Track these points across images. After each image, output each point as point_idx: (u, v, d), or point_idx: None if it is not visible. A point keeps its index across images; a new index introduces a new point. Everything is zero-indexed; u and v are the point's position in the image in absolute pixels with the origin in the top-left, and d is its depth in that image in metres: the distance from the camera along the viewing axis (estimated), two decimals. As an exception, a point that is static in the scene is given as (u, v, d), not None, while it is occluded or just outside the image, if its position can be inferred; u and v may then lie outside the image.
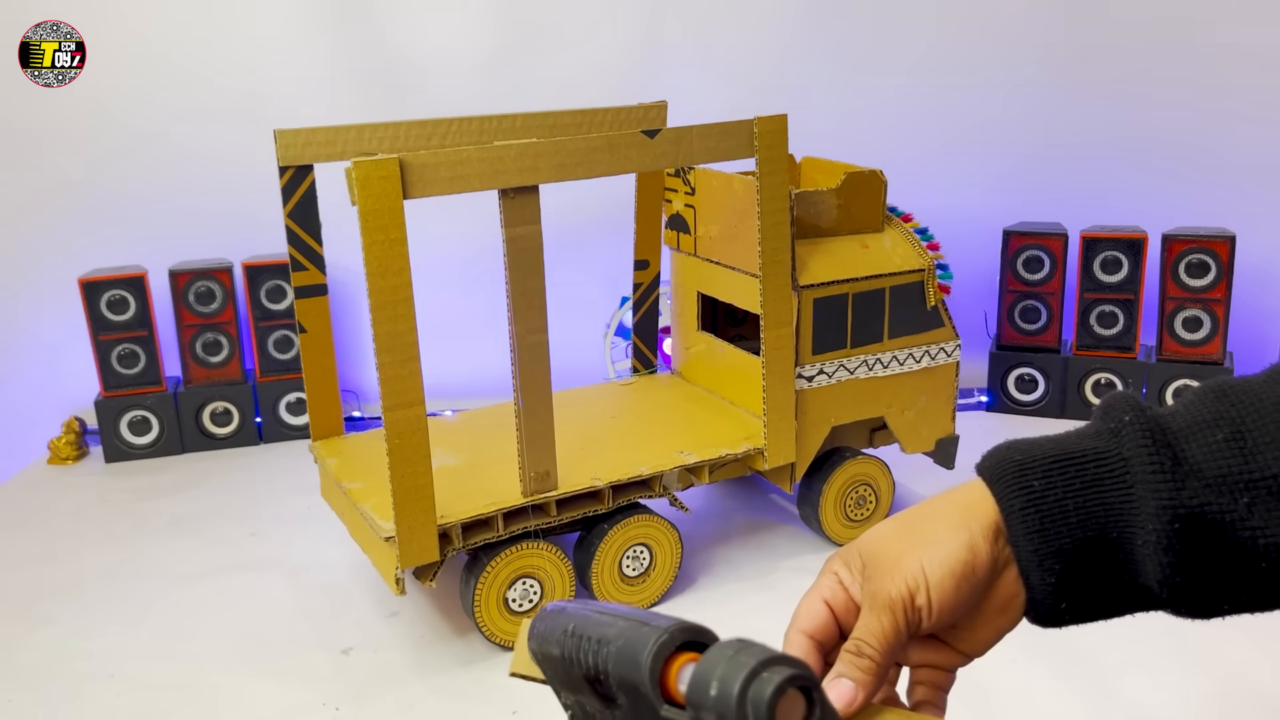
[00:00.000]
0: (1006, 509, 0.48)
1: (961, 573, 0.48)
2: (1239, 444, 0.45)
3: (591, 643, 0.39)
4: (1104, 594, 0.49)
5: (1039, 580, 0.48)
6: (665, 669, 0.37)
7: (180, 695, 1.03)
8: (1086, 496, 0.47)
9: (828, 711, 0.35)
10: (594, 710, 0.41)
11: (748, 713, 0.33)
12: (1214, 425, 0.46)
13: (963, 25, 1.78)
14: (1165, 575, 0.45)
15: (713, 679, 0.34)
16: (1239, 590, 0.46)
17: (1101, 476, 0.47)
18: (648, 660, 0.36)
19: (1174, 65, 1.75)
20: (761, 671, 0.33)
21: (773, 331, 1.16)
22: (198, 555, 1.31)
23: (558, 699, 0.44)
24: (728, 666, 0.34)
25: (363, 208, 0.89)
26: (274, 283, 1.62)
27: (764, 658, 0.34)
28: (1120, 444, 0.47)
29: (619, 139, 1.00)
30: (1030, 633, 0.39)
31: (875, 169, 1.26)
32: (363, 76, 1.71)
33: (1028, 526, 0.48)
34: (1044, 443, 0.49)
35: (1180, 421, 0.47)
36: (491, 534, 1.04)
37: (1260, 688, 0.98)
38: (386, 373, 0.93)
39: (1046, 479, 0.48)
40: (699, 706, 0.34)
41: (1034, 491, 0.48)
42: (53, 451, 1.63)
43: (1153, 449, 0.46)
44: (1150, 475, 0.45)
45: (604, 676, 0.38)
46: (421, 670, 1.06)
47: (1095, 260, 1.63)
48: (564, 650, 0.41)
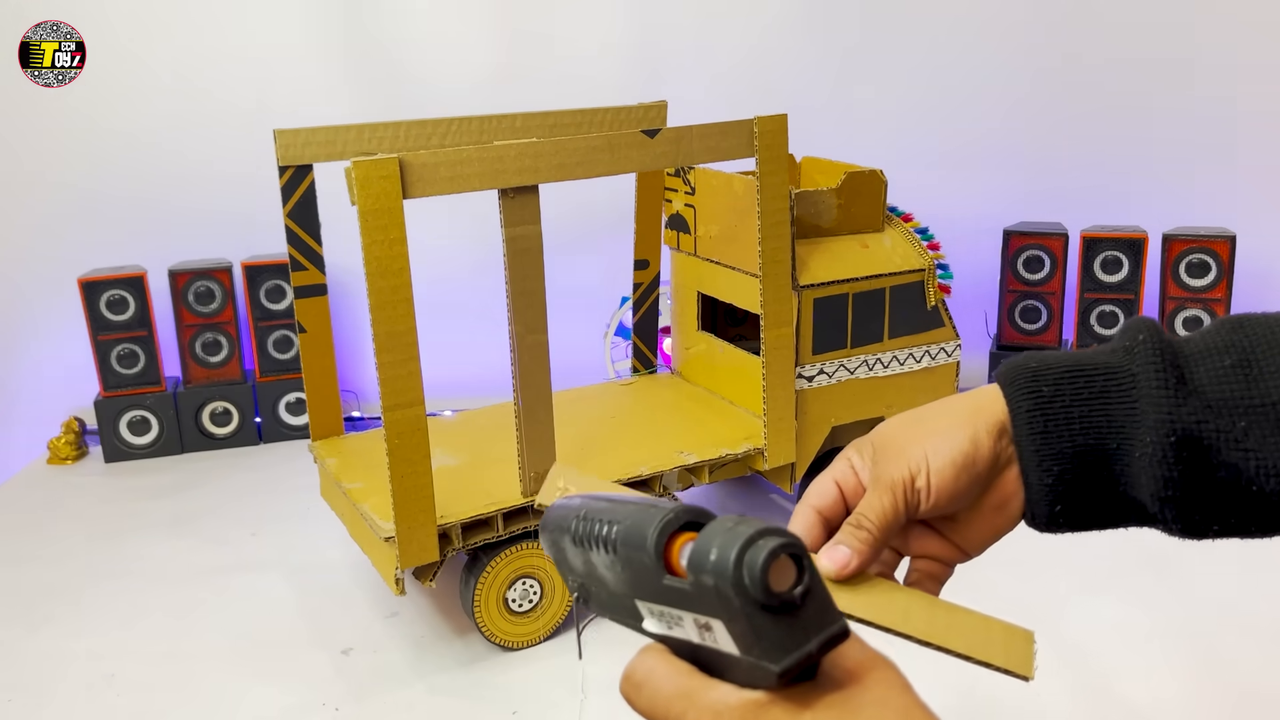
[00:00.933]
0: (1014, 410, 0.51)
1: (962, 463, 0.50)
2: (1245, 370, 0.47)
3: (602, 524, 0.43)
4: (1098, 502, 0.51)
5: (1037, 480, 0.50)
6: (669, 545, 0.39)
7: (180, 695, 1.03)
8: (1092, 406, 0.49)
9: (816, 579, 0.37)
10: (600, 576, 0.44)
11: (743, 574, 0.36)
12: (1224, 352, 0.48)
13: (963, 25, 1.77)
14: (1158, 488, 0.47)
15: (713, 546, 0.37)
16: (1229, 512, 0.48)
17: (1109, 389, 0.49)
18: (654, 535, 0.39)
19: (1174, 65, 1.75)
20: (757, 540, 0.36)
21: (773, 331, 1.16)
22: (198, 555, 1.31)
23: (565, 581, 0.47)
24: (726, 536, 0.37)
25: (363, 207, 0.89)
26: (274, 283, 1.62)
27: (760, 528, 0.36)
28: (1132, 360, 0.49)
29: (619, 139, 1.00)
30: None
31: (875, 169, 1.26)
32: (363, 76, 1.71)
33: (1032, 428, 0.50)
34: (1061, 355, 0.52)
35: (1193, 347, 0.49)
36: (491, 534, 1.04)
37: (1260, 688, 0.98)
38: (386, 373, 0.93)
39: (1056, 386, 0.50)
40: (699, 570, 0.37)
41: (1042, 396, 0.50)
42: (52, 451, 1.63)
43: (1160, 367, 0.48)
44: (1154, 390, 0.47)
45: (611, 550, 0.42)
46: (421, 670, 1.06)
47: (1095, 260, 1.63)
48: (575, 534, 0.44)
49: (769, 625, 0.37)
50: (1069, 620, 1.09)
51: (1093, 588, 1.16)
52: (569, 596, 1.10)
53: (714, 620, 0.38)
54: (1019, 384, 0.51)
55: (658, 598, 0.41)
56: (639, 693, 0.41)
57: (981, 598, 1.22)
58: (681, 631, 0.41)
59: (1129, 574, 1.19)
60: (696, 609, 0.39)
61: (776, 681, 0.37)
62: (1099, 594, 1.15)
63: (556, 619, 1.10)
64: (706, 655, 0.40)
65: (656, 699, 0.40)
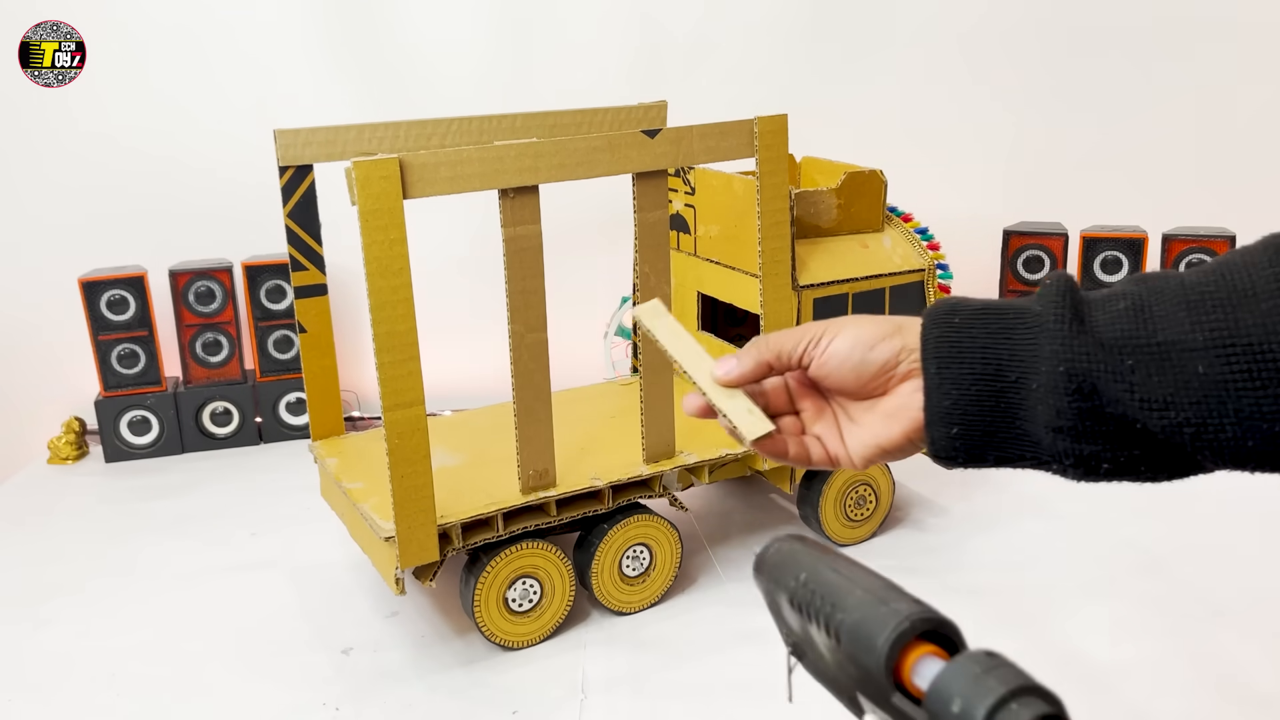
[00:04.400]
0: (925, 336, 0.56)
1: (864, 341, 0.58)
2: (1138, 314, 0.50)
3: (826, 604, 0.39)
4: (995, 432, 0.54)
5: (936, 402, 0.55)
6: (901, 656, 0.36)
7: (180, 695, 1.03)
8: (997, 339, 0.54)
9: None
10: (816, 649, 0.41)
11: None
12: (1121, 298, 0.51)
13: (963, 25, 1.77)
14: (1050, 417, 0.51)
15: (956, 694, 0.33)
16: (1118, 448, 0.51)
17: (1014, 326, 0.54)
18: (884, 647, 0.36)
19: (1174, 65, 1.75)
20: (1011, 702, 0.32)
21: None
22: (198, 555, 1.31)
23: (779, 631, 0.45)
24: (975, 686, 0.33)
25: (363, 208, 0.89)
26: (274, 283, 1.62)
27: (1015, 686, 0.32)
28: (1038, 301, 0.53)
29: (619, 139, 1.00)
30: (1030, 634, 0.39)
31: (875, 169, 1.26)
32: (363, 76, 1.71)
33: (939, 353, 0.55)
34: (984, 299, 0.57)
35: (1097, 295, 0.53)
36: (491, 534, 1.04)
37: (1260, 688, 0.98)
38: (386, 373, 0.93)
39: (969, 319, 0.55)
40: (939, 716, 0.33)
41: (952, 327, 0.55)
42: (53, 451, 1.63)
43: (1061, 307, 0.52)
44: (1051, 326, 0.52)
45: (834, 637, 0.38)
46: (421, 670, 1.06)
47: (1095, 260, 1.63)
48: (794, 598, 0.41)
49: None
50: (1069, 620, 1.09)
51: (1092, 588, 1.16)
52: (569, 597, 1.10)
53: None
54: (936, 316, 0.56)
55: (884, 707, 0.37)
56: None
57: (982, 597, 1.22)
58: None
59: (1128, 574, 1.19)
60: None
61: None
62: (1099, 594, 1.15)
63: (556, 619, 1.10)
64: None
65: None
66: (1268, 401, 0.46)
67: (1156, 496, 0.58)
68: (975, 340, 0.54)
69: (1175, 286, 0.50)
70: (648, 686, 1.02)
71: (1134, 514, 1.31)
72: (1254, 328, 0.47)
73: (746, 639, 1.07)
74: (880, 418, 0.58)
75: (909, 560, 1.23)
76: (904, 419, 0.57)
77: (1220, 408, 0.47)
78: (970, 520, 1.33)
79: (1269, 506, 1.31)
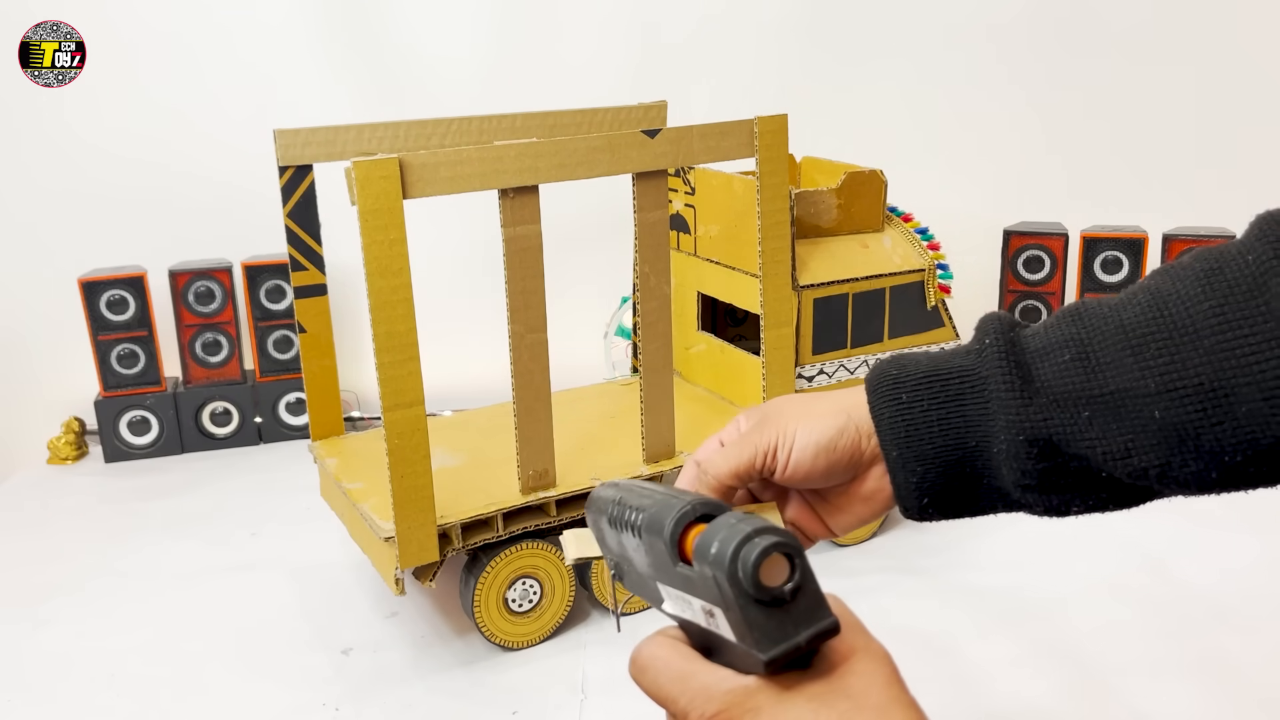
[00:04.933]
0: (877, 418, 0.55)
1: (824, 446, 0.56)
2: (1084, 363, 0.50)
3: (631, 510, 0.47)
4: (965, 493, 0.55)
5: (903, 480, 0.55)
6: (684, 534, 0.44)
7: (180, 695, 1.03)
8: (949, 409, 0.53)
9: (808, 577, 0.40)
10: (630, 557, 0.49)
11: (738, 568, 0.39)
12: (1064, 346, 0.51)
13: (963, 25, 1.78)
14: (1018, 479, 0.52)
15: (715, 539, 0.40)
16: (1086, 494, 0.52)
17: (964, 392, 0.53)
18: (670, 524, 0.43)
19: (1174, 65, 1.75)
20: (754, 537, 0.39)
21: (773, 331, 1.16)
22: (198, 555, 1.31)
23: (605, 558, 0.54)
24: (728, 531, 0.40)
25: (362, 207, 0.89)
26: (274, 283, 1.62)
27: (757, 526, 0.40)
28: (982, 363, 0.53)
29: (619, 139, 1.00)
30: (1030, 634, 0.39)
31: (875, 169, 1.26)
32: (363, 76, 1.71)
33: (895, 434, 0.54)
34: (920, 358, 0.56)
35: (1037, 343, 0.52)
36: (491, 534, 1.04)
37: (1260, 688, 0.98)
38: (386, 373, 0.93)
39: (915, 392, 0.54)
40: (702, 560, 0.41)
41: (902, 403, 0.55)
42: (52, 451, 1.63)
43: (1007, 369, 0.51)
44: (1003, 394, 0.51)
45: (637, 534, 0.47)
46: (421, 670, 1.06)
47: (1095, 260, 1.63)
48: (611, 516, 0.50)
49: (760, 617, 0.40)
50: (1069, 620, 1.09)
51: (1093, 588, 1.16)
52: (569, 597, 1.10)
53: (715, 608, 0.41)
54: (881, 392, 0.55)
55: (673, 582, 0.45)
56: (644, 675, 0.46)
57: (982, 597, 1.22)
58: (691, 615, 0.45)
59: (1129, 574, 1.19)
60: (702, 596, 0.42)
61: (764, 669, 0.40)
62: (1099, 594, 1.15)
63: (556, 619, 1.10)
64: (711, 640, 0.44)
65: (659, 681, 0.45)
66: (1226, 437, 0.46)
67: (1157, 497, 0.58)
68: (927, 414, 0.54)
69: (1115, 328, 0.50)
70: (648, 687, 1.02)
71: (1135, 515, 1.30)
72: (1201, 367, 0.46)
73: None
74: (858, 501, 0.58)
75: (909, 560, 1.23)
76: (880, 499, 0.58)
77: (1181, 448, 0.47)
78: (970, 520, 1.32)
79: (1271, 507, 1.31)
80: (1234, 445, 0.46)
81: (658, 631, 0.47)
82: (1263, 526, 1.28)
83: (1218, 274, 0.48)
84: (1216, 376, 0.46)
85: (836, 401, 0.57)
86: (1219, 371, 0.46)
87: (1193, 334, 0.47)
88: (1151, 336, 0.48)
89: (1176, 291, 0.49)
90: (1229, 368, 0.46)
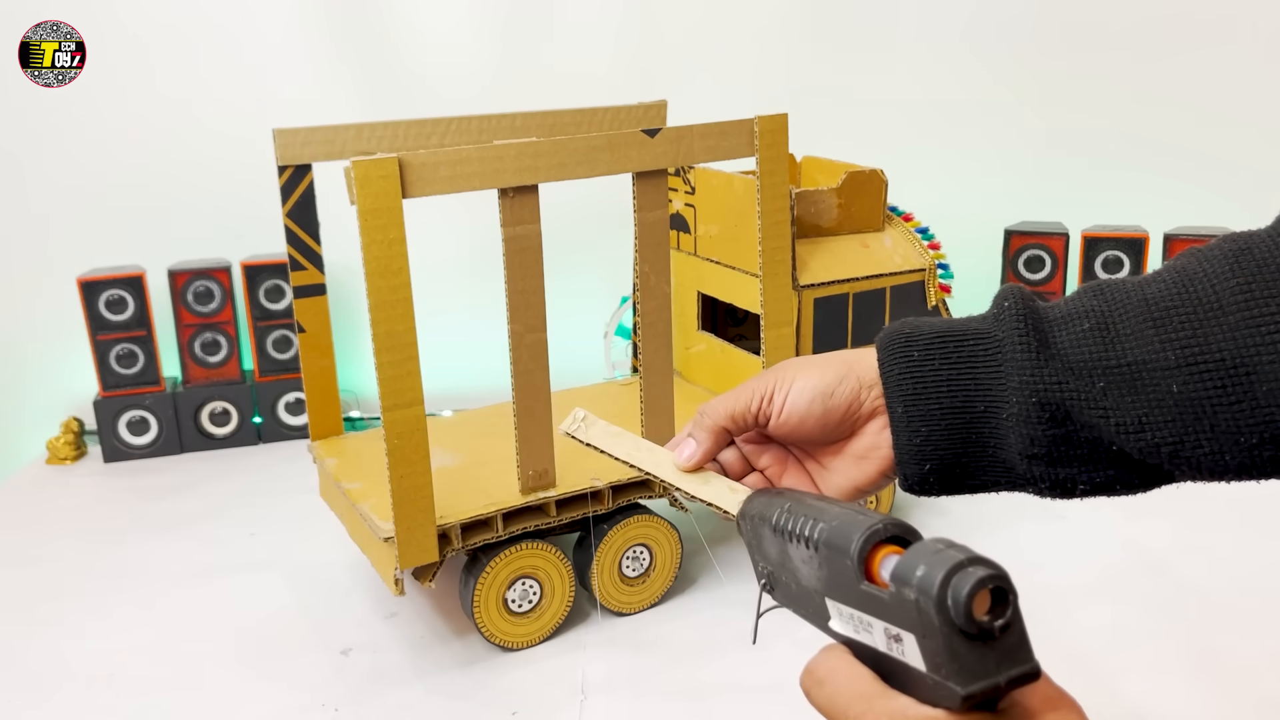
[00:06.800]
0: (885, 373, 0.54)
1: (822, 391, 0.55)
2: (1103, 333, 0.49)
3: (808, 520, 0.45)
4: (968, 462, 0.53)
5: (906, 441, 0.53)
6: (871, 553, 0.42)
7: (180, 695, 1.03)
8: (960, 369, 0.52)
9: (1018, 616, 0.39)
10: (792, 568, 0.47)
11: (948, 596, 0.37)
12: (1084, 316, 0.50)
13: (963, 25, 1.77)
14: (1025, 446, 0.50)
15: (920, 563, 0.38)
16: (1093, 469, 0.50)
17: (977, 354, 0.52)
18: (859, 541, 0.41)
19: (1174, 65, 1.75)
20: (966, 566, 0.37)
21: (773, 331, 1.16)
22: (197, 555, 1.31)
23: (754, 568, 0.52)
24: (935, 557, 0.38)
25: (362, 207, 0.88)
26: (273, 282, 1.62)
27: (971, 555, 0.38)
28: (998, 326, 0.52)
29: (619, 138, 1.00)
30: (1031, 634, 0.39)
31: (875, 169, 1.26)
32: (363, 76, 1.70)
33: (902, 390, 0.53)
34: (936, 321, 0.55)
35: (1056, 313, 0.51)
36: (491, 534, 1.04)
37: (1260, 688, 0.98)
38: (386, 373, 0.93)
39: (926, 350, 0.53)
40: (902, 584, 0.38)
41: (913, 360, 0.53)
42: (51, 451, 1.63)
43: (1024, 332, 0.50)
44: (1018, 355, 0.50)
45: (812, 548, 0.44)
46: (421, 671, 1.06)
47: (1096, 260, 1.63)
48: (777, 524, 0.47)
49: (963, 649, 0.37)
50: (1069, 620, 1.09)
51: (1094, 589, 1.16)
52: (569, 597, 1.10)
53: (906, 633, 0.39)
54: (893, 348, 0.54)
55: (852, 601, 0.42)
56: (820, 689, 0.43)
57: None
58: (869, 638, 0.42)
59: (1129, 574, 1.19)
60: (891, 619, 0.40)
61: (960, 704, 0.38)
62: (1099, 594, 1.15)
63: (556, 619, 1.10)
64: (889, 664, 0.41)
65: (837, 698, 0.42)
66: (1243, 416, 0.46)
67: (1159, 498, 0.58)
68: (938, 373, 0.53)
69: (1137, 301, 0.49)
70: (647, 687, 1.02)
71: (1137, 515, 1.31)
72: (1224, 343, 0.46)
73: (746, 640, 1.07)
74: (852, 461, 0.57)
75: (909, 560, 1.23)
76: (877, 458, 0.56)
77: (1196, 425, 0.46)
78: (972, 521, 1.32)
79: (1271, 507, 1.31)
80: (1251, 425, 0.46)
81: (833, 646, 0.45)
82: (1263, 526, 1.28)
83: (1246, 254, 0.47)
84: (1239, 353, 0.45)
85: (840, 355, 0.57)
86: (1241, 348, 0.45)
87: (1217, 309, 0.46)
88: (1174, 310, 0.47)
89: (1203, 270, 0.48)
90: (1252, 344, 0.45)
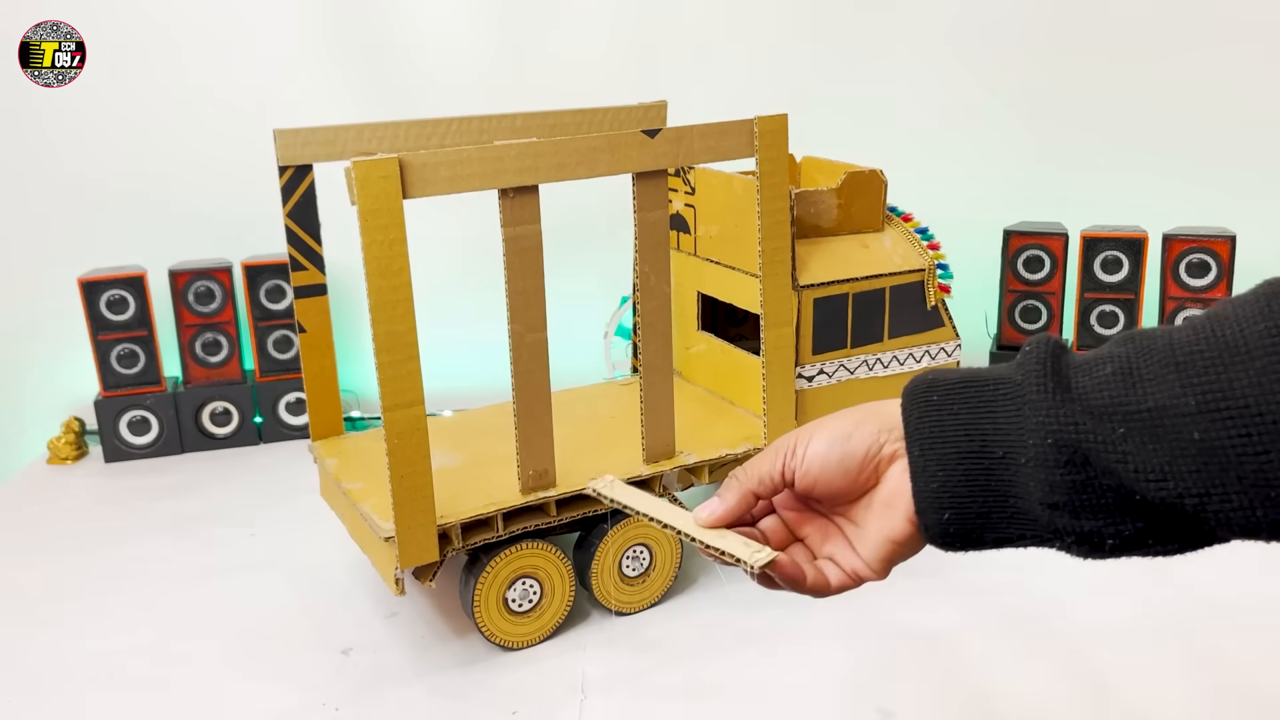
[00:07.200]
0: (906, 416, 0.54)
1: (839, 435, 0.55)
2: (1125, 378, 0.47)
3: None
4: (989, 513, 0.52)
5: (923, 486, 0.52)
6: None
7: (180, 695, 1.03)
8: (979, 414, 0.51)
9: None
10: None
11: None
12: (1107, 361, 0.48)
13: (963, 25, 1.77)
14: (1043, 494, 0.48)
15: None
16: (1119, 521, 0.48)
17: (997, 398, 0.51)
18: None
19: (1174, 65, 1.75)
20: None
21: (773, 331, 1.16)
22: (198, 555, 1.31)
23: None
24: None
25: (362, 207, 0.89)
26: (274, 283, 1.62)
27: None
28: (1020, 370, 0.51)
29: (619, 139, 1.00)
30: (1031, 636, 0.39)
31: (875, 169, 1.26)
32: (363, 76, 1.71)
33: (920, 433, 0.53)
34: (961, 370, 0.55)
35: (1081, 358, 0.50)
36: (491, 534, 1.04)
37: (1260, 688, 0.98)
38: (386, 373, 0.93)
39: (947, 395, 0.53)
40: None
41: (932, 403, 0.53)
42: (52, 451, 1.63)
43: (1043, 375, 0.49)
44: (1035, 396, 0.49)
45: None
46: (421, 671, 1.06)
47: (1095, 260, 1.63)
48: None
49: None
50: (1069, 620, 1.09)
51: (1093, 588, 1.16)
52: (569, 597, 1.10)
53: None
54: (915, 395, 0.54)
55: None
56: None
57: (982, 597, 1.22)
58: None
59: (1129, 574, 1.19)
60: None
61: None
62: (1099, 594, 1.15)
63: (556, 619, 1.10)
64: None
65: None
66: (1271, 467, 0.43)
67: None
68: (957, 416, 0.52)
69: (1163, 346, 0.47)
70: (648, 687, 1.02)
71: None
72: (1249, 388, 0.43)
73: (746, 639, 1.07)
74: (880, 510, 0.56)
75: (909, 560, 1.23)
76: (902, 504, 0.55)
77: (1222, 475, 0.44)
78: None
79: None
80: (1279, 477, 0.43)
81: None
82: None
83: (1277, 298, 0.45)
84: (1265, 400, 0.43)
85: (863, 404, 0.57)
86: (1268, 395, 0.43)
87: (1244, 354, 0.44)
88: (1198, 354, 0.45)
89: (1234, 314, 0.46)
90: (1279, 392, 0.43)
